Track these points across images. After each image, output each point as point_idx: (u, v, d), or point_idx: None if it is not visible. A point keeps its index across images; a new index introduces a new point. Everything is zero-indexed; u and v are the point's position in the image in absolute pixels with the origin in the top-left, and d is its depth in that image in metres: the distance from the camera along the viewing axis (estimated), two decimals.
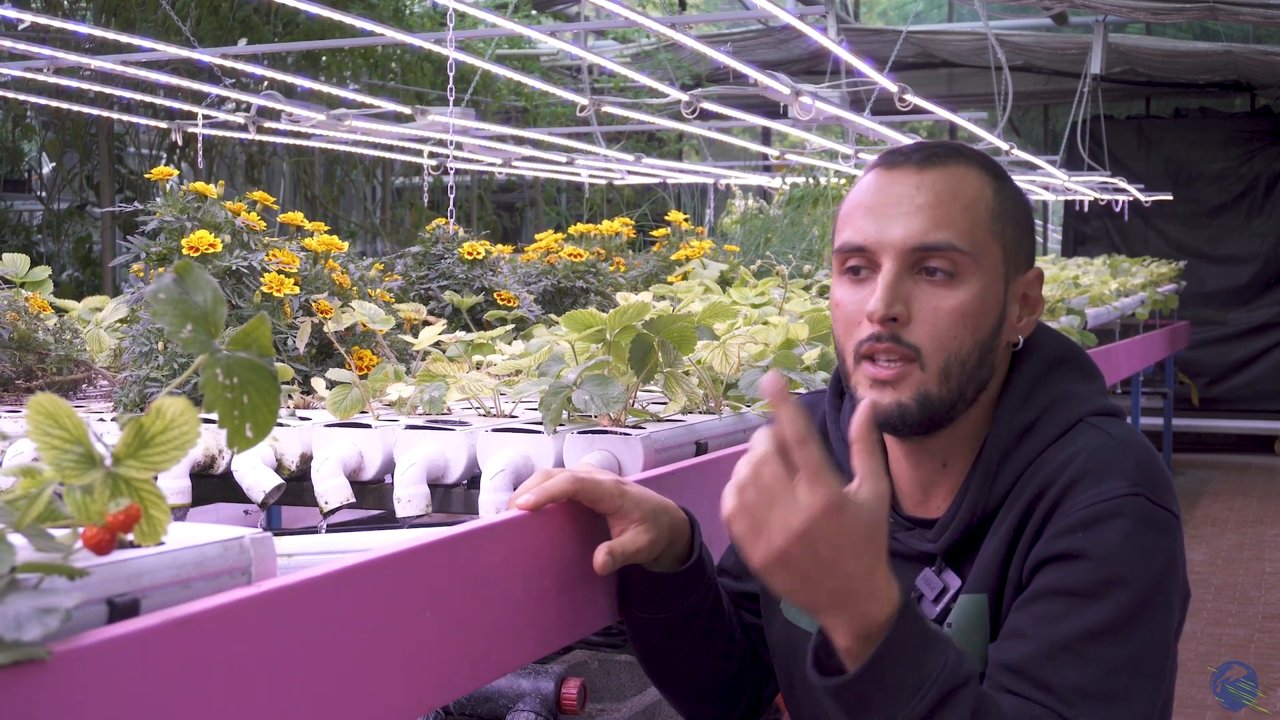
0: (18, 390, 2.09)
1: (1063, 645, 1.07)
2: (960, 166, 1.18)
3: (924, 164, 1.17)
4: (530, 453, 1.60)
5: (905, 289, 1.14)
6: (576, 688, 1.80)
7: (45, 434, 0.78)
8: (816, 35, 4.63)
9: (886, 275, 1.14)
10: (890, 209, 1.15)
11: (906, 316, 1.14)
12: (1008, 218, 1.18)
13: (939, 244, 1.14)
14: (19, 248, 8.47)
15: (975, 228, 1.15)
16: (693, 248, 3.20)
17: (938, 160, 1.17)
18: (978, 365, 1.16)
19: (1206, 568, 6.19)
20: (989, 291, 1.16)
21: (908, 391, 1.14)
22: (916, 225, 1.14)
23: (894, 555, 1.22)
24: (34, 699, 0.67)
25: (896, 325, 1.13)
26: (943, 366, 1.14)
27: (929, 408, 1.14)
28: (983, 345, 1.16)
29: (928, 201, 1.15)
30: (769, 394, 0.99)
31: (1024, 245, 1.20)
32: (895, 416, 1.14)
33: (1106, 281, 6.13)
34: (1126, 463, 1.11)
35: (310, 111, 6.06)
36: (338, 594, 0.90)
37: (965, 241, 1.14)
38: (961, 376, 1.15)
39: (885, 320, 1.13)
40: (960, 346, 1.14)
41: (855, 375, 1.17)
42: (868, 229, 1.16)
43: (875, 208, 1.16)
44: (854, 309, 1.16)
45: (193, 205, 2.01)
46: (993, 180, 1.19)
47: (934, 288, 1.14)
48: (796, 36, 8.27)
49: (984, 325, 1.16)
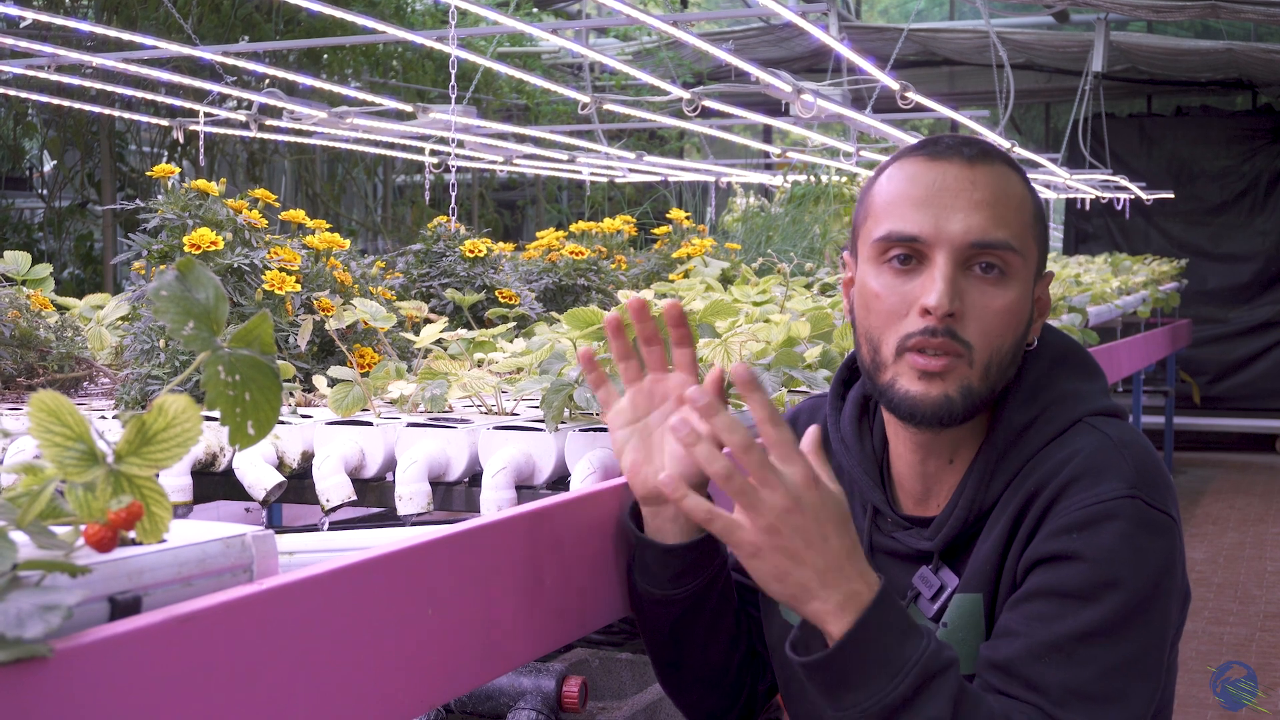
0: (19, 388, 2.09)
1: (1054, 646, 1.06)
2: (1004, 167, 1.18)
3: (974, 159, 1.16)
4: (532, 450, 1.60)
5: (959, 285, 1.13)
6: (578, 686, 1.80)
7: (47, 431, 0.78)
8: (818, 33, 4.63)
9: (945, 270, 1.12)
10: (945, 201, 1.14)
11: (961, 312, 1.13)
12: (1041, 223, 1.20)
13: (997, 242, 1.13)
14: (20, 245, 8.49)
15: (1024, 229, 1.16)
16: (694, 246, 3.20)
17: (986, 158, 1.17)
18: (1011, 363, 1.17)
19: (1208, 566, 6.19)
20: (1027, 291, 1.17)
21: (954, 385, 1.13)
22: (976, 221, 1.13)
23: (891, 554, 1.22)
24: (35, 696, 0.67)
25: (952, 320, 1.13)
26: (986, 363, 1.14)
27: (971, 401, 1.14)
28: (1018, 344, 1.17)
29: (985, 198, 1.14)
30: (738, 381, 1.00)
31: (1046, 250, 1.22)
32: (942, 409, 1.13)
33: (1108, 280, 6.13)
34: (1124, 464, 1.11)
35: (312, 109, 6.06)
36: (339, 592, 0.90)
37: (1018, 241, 1.15)
38: (999, 374, 1.15)
39: (944, 316, 1.12)
40: (1003, 344, 1.15)
41: (895, 366, 1.15)
42: (921, 220, 1.14)
43: (927, 199, 1.14)
44: (898, 301, 1.14)
45: (194, 203, 2.01)
46: (1027, 184, 1.20)
47: (985, 285, 1.14)
48: (798, 34, 8.26)
49: (1022, 324, 1.16)
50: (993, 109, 9.43)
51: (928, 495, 1.22)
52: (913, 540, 1.21)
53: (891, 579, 1.22)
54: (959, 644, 1.15)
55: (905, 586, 1.21)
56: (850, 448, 1.26)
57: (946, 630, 1.16)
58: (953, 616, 1.16)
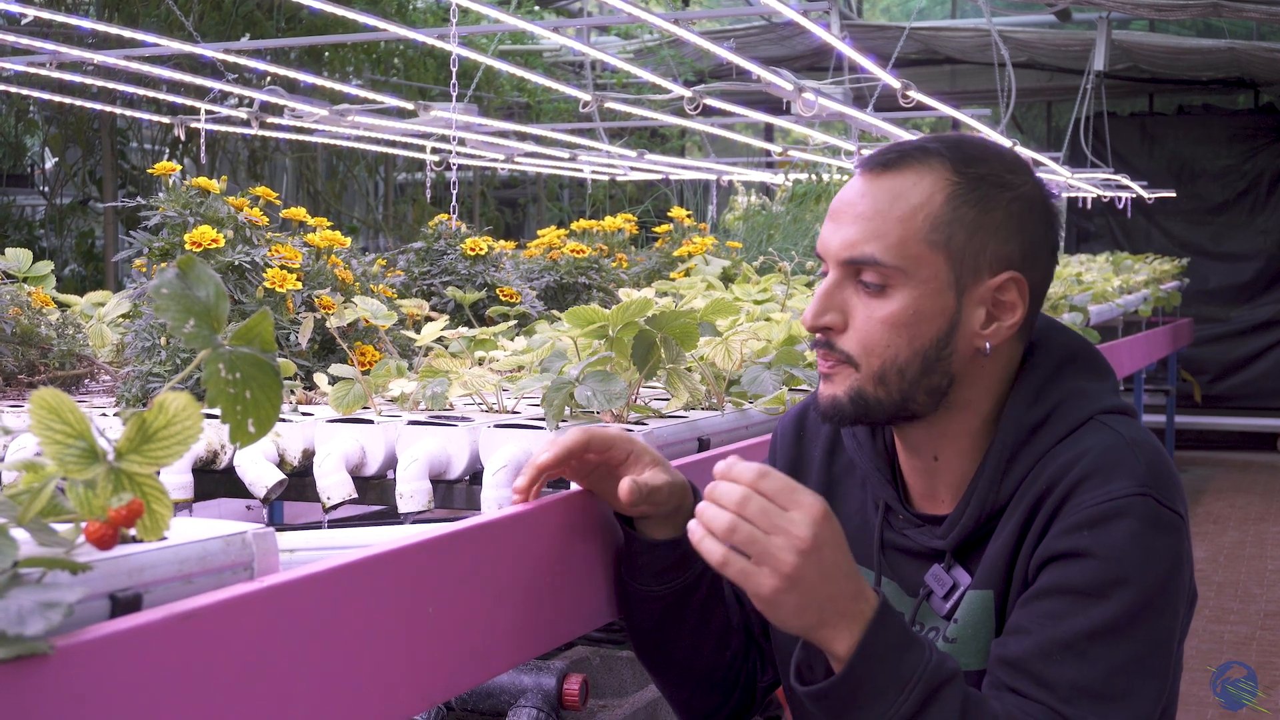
0: (20, 385, 2.09)
1: (1064, 643, 1.07)
2: (914, 171, 1.15)
3: (880, 169, 1.17)
4: (532, 449, 1.60)
5: (842, 297, 1.17)
6: (578, 684, 1.80)
7: (48, 429, 0.78)
8: (820, 31, 4.63)
9: (824, 284, 1.18)
10: (836, 217, 1.18)
11: (842, 324, 1.17)
12: (960, 225, 1.14)
13: (863, 258, 1.15)
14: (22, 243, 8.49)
15: (908, 240, 1.14)
16: (695, 244, 3.20)
17: (894, 165, 1.16)
18: (921, 373, 1.15)
19: (1208, 565, 6.19)
20: (926, 302, 1.14)
21: (841, 387, 1.17)
22: (850, 236, 1.16)
23: (903, 551, 1.23)
24: (36, 693, 0.67)
25: (831, 333, 1.17)
26: (878, 372, 1.16)
27: (863, 406, 1.17)
28: (925, 354, 1.15)
29: (864, 212, 1.16)
30: (718, 475, 1.06)
31: (988, 251, 1.15)
32: (831, 410, 1.18)
33: (1109, 278, 6.13)
34: (1136, 462, 1.11)
35: (313, 107, 6.06)
36: (340, 589, 0.90)
37: (892, 255, 1.14)
38: (902, 383, 1.15)
39: (816, 329, 1.17)
40: (896, 355, 1.15)
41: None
42: (824, 235, 1.19)
43: (831, 214, 1.19)
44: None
45: (195, 200, 2.01)
46: (952, 185, 1.15)
47: (868, 298, 1.16)
48: (800, 33, 8.26)
49: (923, 334, 1.15)
50: (994, 108, 9.42)
51: (933, 492, 1.22)
52: (924, 538, 1.21)
53: (903, 576, 1.22)
54: (969, 640, 1.15)
55: (917, 584, 1.21)
56: (862, 443, 1.27)
57: (957, 626, 1.16)
58: (964, 613, 1.16)
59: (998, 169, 1.17)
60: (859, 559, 1.26)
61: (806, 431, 1.34)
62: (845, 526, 1.27)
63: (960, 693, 1.03)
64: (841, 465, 1.30)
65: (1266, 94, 11.06)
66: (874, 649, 1.03)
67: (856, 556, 1.26)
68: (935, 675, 1.03)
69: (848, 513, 1.28)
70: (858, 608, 1.04)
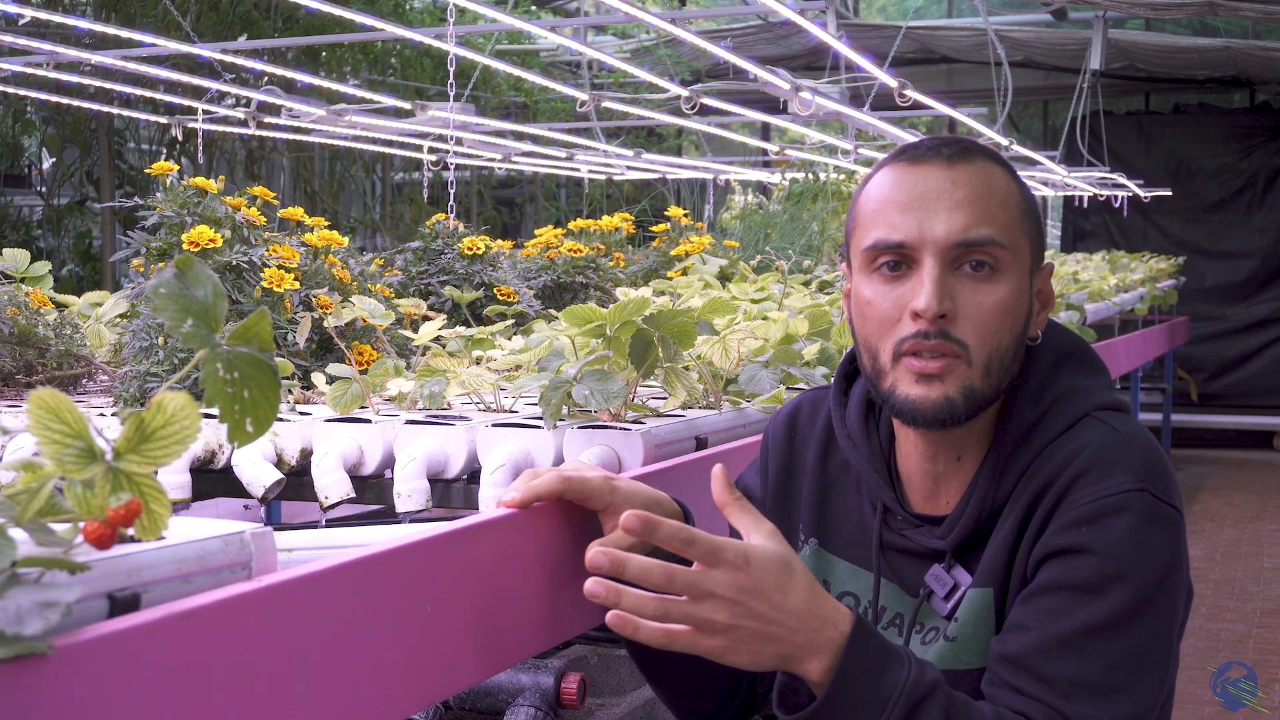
0: (18, 385, 2.09)
1: (1064, 639, 1.07)
2: (986, 163, 1.18)
3: (954, 159, 1.16)
4: (530, 448, 1.60)
5: (950, 285, 1.13)
6: (576, 682, 1.80)
7: (46, 428, 0.78)
8: (816, 30, 4.63)
9: (932, 272, 1.13)
10: (928, 205, 1.14)
11: (954, 312, 1.13)
12: (1030, 215, 1.19)
13: (982, 239, 1.13)
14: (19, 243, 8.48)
15: (1010, 224, 1.16)
16: (692, 243, 3.20)
17: (966, 156, 1.17)
18: (1013, 359, 1.16)
19: (1205, 563, 6.20)
20: (1021, 286, 1.16)
21: (954, 385, 1.13)
22: (959, 221, 1.13)
23: (902, 551, 1.22)
24: (35, 693, 0.67)
25: (944, 321, 1.13)
26: (986, 361, 1.14)
27: (973, 401, 1.14)
28: (1018, 339, 1.16)
29: (966, 197, 1.14)
30: (629, 530, 1.02)
31: (1041, 242, 1.21)
32: (944, 410, 1.13)
33: (1106, 277, 6.14)
34: (1132, 458, 1.11)
35: (310, 107, 6.06)
36: (338, 589, 0.90)
37: (1004, 236, 1.15)
38: (1001, 371, 1.15)
39: (936, 317, 1.12)
40: (1001, 341, 1.14)
41: (894, 373, 1.15)
42: (906, 226, 1.14)
43: (910, 204, 1.15)
44: (890, 307, 1.15)
45: (193, 200, 2.01)
46: (1013, 178, 1.19)
47: (976, 283, 1.14)
48: (796, 32, 8.26)
49: (1020, 320, 1.16)
50: (991, 106, 9.43)
51: (936, 493, 1.22)
52: (924, 539, 1.21)
53: (904, 576, 1.22)
54: (971, 639, 1.16)
55: (918, 584, 1.21)
56: (858, 445, 1.26)
57: (958, 625, 1.16)
58: (964, 612, 1.16)
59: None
60: (857, 560, 1.26)
61: (798, 432, 1.33)
62: (842, 527, 1.28)
63: (943, 701, 1.04)
64: (836, 465, 1.29)
65: (1262, 92, 11.07)
66: (849, 673, 1.03)
67: (856, 557, 1.26)
68: (916, 689, 1.03)
69: (844, 514, 1.28)
70: (824, 635, 1.04)
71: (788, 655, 1.04)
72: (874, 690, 1.03)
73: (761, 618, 1.02)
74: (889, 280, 1.16)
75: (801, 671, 1.05)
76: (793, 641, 1.03)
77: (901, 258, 1.15)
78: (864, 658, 1.04)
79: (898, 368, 1.15)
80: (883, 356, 1.16)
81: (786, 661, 1.04)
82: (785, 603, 1.03)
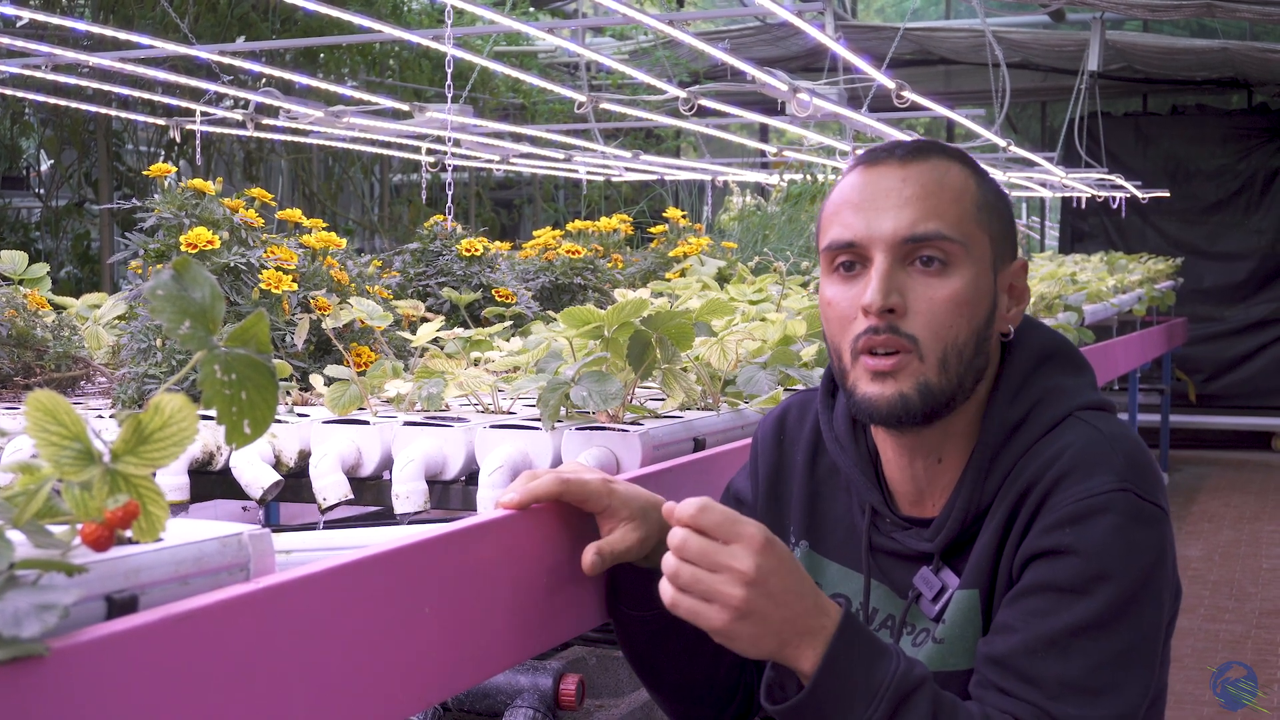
0: (16, 387, 2.09)
1: (1049, 640, 1.07)
2: (942, 160, 1.19)
3: (906, 159, 1.18)
4: (528, 449, 1.60)
5: (899, 280, 1.14)
6: (574, 684, 1.80)
7: (44, 430, 0.78)
8: (814, 32, 4.63)
9: (880, 267, 1.14)
10: (878, 203, 1.16)
11: (903, 308, 1.14)
12: (991, 210, 1.19)
13: (929, 234, 1.14)
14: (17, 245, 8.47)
15: (963, 218, 1.16)
16: (690, 244, 3.20)
17: (919, 155, 1.19)
18: (974, 354, 1.16)
19: (1203, 564, 6.20)
20: (980, 280, 1.17)
21: (908, 381, 1.14)
22: (906, 217, 1.15)
23: (891, 554, 1.23)
24: (32, 695, 0.67)
25: (894, 316, 1.14)
26: (941, 356, 1.14)
27: (930, 397, 1.14)
28: (978, 334, 1.16)
29: (915, 194, 1.16)
30: (671, 517, 1.08)
31: (1008, 237, 1.21)
32: (898, 407, 1.14)
33: (1104, 278, 6.14)
34: (1115, 457, 1.12)
35: (308, 108, 6.05)
36: (336, 590, 0.90)
37: (954, 230, 1.15)
38: (959, 366, 1.15)
39: (883, 312, 1.13)
40: (957, 335, 1.15)
41: (853, 372, 1.17)
42: (856, 225, 1.16)
43: (862, 204, 1.17)
44: (847, 305, 1.17)
45: (191, 202, 2.01)
46: (974, 174, 1.20)
47: (927, 278, 1.15)
48: (794, 33, 8.26)
49: (978, 314, 1.16)
50: (989, 108, 9.43)
51: (921, 496, 1.22)
52: (912, 541, 1.21)
53: (893, 579, 1.22)
54: (958, 640, 1.16)
55: (908, 585, 1.21)
56: (845, 448, 1.26)
57: (946, 627, 1.16)
58: (951, 613, 1.17)
59: (983, 169, 1.23)
60: (847, 562, 1.26)
61: (787, 434, 1.33)
62: (833, 529, 1.28)
63: (930, 698, 1.04)
64: (825, 468, 1.29)
65: (1260, 94, 11.08)
66: (838, 663, 1.04)
67: (845, 560, 1.26)
68: (903, 683, 1.04)
69: (834, 516, 1.28)
70: (818, 624, 1.05)
71: (786, 643, 1.05)
72: (861, 683, 1.03)
73: (775, 600, 1.03)
74: (845, 280, 1.18)
75: (794, 662, 1.05)
76: (794, 628, 1.04)
77: (855, 257, 1.17)
78: (852, 650, 1.04)
79: (856, 366, 1.17)
80: (845, 356, 1.18)
81: (783, 649, 1.05)
82: (795, 586, 1.04)
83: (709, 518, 1.04)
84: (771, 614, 1.03)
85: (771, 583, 1.03)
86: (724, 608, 1.03)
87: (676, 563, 1.05)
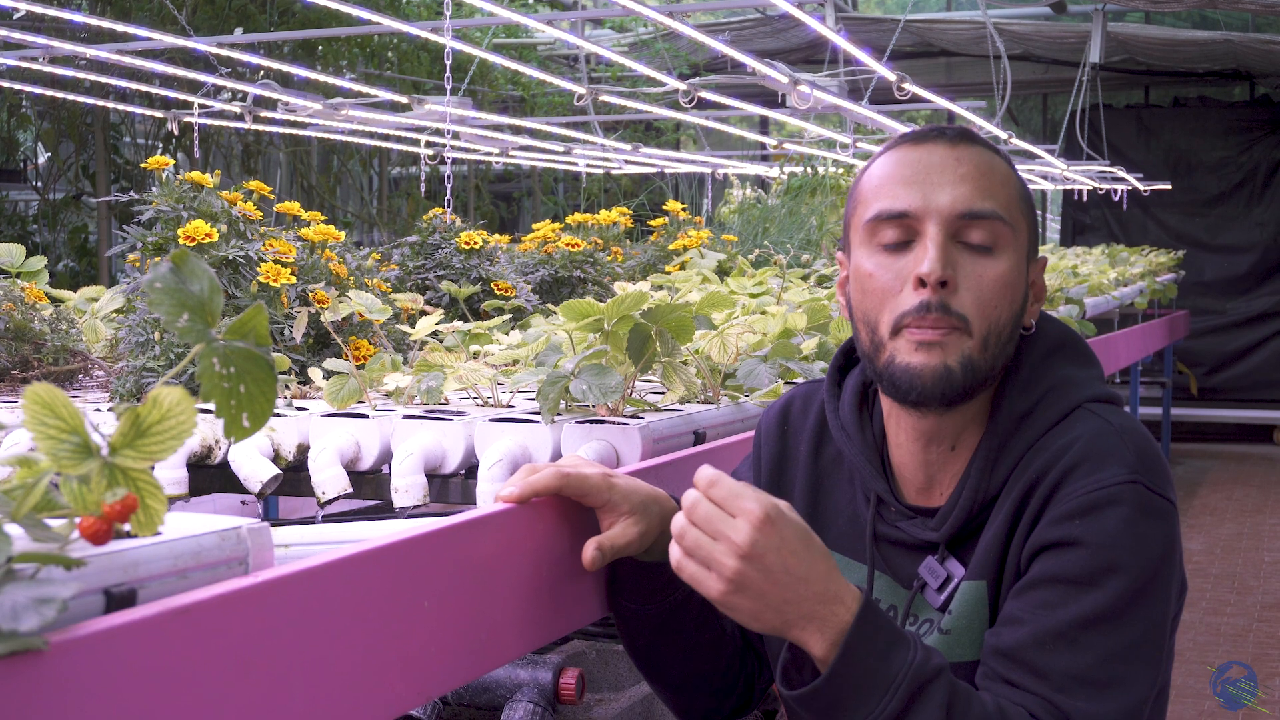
0: (14, 380, 2.09)
1: (1058, 632, 1.07)
2: (985, 149, 1.20)
3: (956, 141, 1.18)
4: (528, 442, 1.60)
5: (952, 255, 1.14)
6: (574, 678, 1.80)
7: (41, 424, 0.78)
8: (815, 24, 4.62)
9: (936, 239, 1.13)
10: (933, 178, 1.15)
11: (955, 283, 1.13)
12: (1028, 204, 1.21)
13: (986, 211, 1.14)
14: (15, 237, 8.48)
15: (1011, 203, 1.17)
16: (690, 237, 3.19)
17: (967, 139, 1.19)
18: (1009, 339, 1.17)
19: (1205, 557, 6.20)
20: (1021, 267, 1.17)
21: (954, 354, 1.13)
22: (964, 192, 1.14)
23: (896, 543, 1.22)
24: (31, 689, 0.67)
25: (945, 291, 1.13)
26: (985, 335, 1.14)
27: (972, 373, 1.14)
28: (1015, 321, 1.17)
29: (969, 172, 1.16)
30: (699, 482, 1.07)
31: (1036, 232, 1.23)
32: (942, 379, 1.13)
33: (1105, 271, 6.14)
34: (1125, 450, 1.11)
35: (306, 101, 6.05)
36: (335, 584, 0.90)
37: (1007, 213, 1.16)
38: (998, 348, 1.15)
39: (938, 285, 1.12)
40: (1000, 317, 1.15)
41: (893, 343, 1.15)
42: (909, 197, 1.15)
43: (915, 177, 1.16)
44: (891, 278, 1.15)
45: (189, 195, 2.00)
46: (1011, 166, 1.21)
47: (976, 257, 1.14)
48: (795, 25, 8.25)
49: (1017, 299, 1.17)
50: (990, 100, 9.42)
51: (930, 484, 1.22)
52: (918, 530, 1.20)
53: (897, 569, 1.22)
54: (964, 631, 1.15)
55: (911, 576, 1.21)
56: (851, 436, 1.26)
57: (952, 618, 1.16)
58: (958, 604, 1.16)
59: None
60: (851, 552, 1.26)
61: (790, 424, 1.33)
62: (834, 520, 1.27)
63: (946, 688, 1.04)
64: (828, 458, 1.29)
65: (1262, 86, 11.07)
66: (855, 652, 1.03)
67: (849, 550, 1.26)
68: (920, 673, 1.03)
69: (836, 506, 1.28)
70: (829, 610, 1.04)
71: (790, 622, 1.04)
72: (878, 671, 1.03)
73: (771, 577, 1.03)
74: (891, 253, 1.16)
75: (803, 644, 1.05)
76: (798, 609, 1.04)
77: (904, 230, 1.15)
78: (870, 639, 1.04)
79: (897, 339, 1.15)
80: (881, 329, 1.16)
81: (788, 628, 1.05)
82: (797, 568, 1.03)
83: (720, 489, 1.05)
84: (769, 591, 1.03)
85: (769, 559, 1.03)
86: (720, 577, 1.04)
87: (684, 524, 1.06)
